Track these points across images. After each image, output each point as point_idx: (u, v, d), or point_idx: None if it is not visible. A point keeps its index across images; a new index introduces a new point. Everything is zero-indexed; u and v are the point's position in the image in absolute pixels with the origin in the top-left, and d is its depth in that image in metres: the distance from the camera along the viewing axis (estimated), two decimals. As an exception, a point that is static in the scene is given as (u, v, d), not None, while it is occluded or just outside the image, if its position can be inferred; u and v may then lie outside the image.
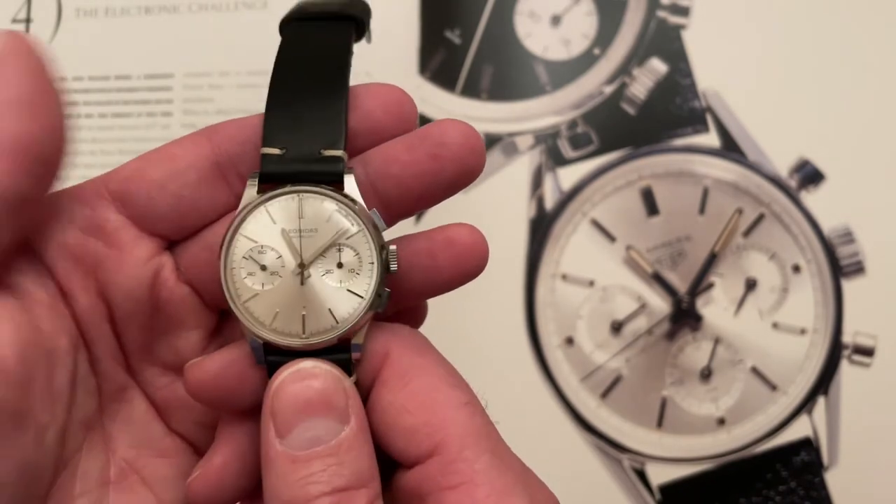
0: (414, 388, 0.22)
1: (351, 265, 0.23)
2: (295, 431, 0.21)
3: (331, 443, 0.21)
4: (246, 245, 0.22)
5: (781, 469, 0.46)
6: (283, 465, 0.21)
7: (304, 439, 0.21)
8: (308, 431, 0.21)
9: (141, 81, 0.52)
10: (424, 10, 0.50)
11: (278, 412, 0.21)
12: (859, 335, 0.46)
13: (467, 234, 0.25)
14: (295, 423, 0.21)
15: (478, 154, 0.25)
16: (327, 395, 0.21)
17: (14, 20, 0.54)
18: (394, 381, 0.23)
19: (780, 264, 0.47)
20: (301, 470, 0.20)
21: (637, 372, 0.47)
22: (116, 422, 0.25)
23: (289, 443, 0.21)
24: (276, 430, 0.21)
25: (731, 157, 0.48)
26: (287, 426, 0.21)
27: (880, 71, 0.48)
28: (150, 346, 0.25)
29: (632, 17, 0.50)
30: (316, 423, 0.21)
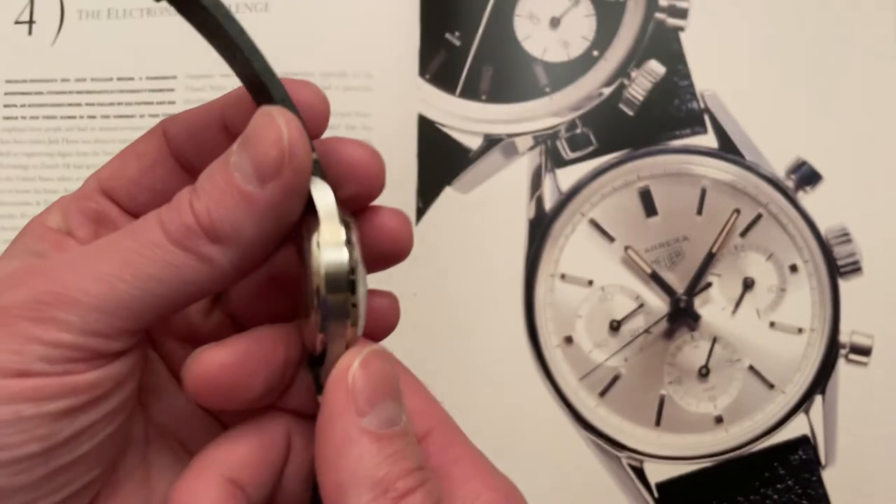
0: (407, 380, 0.24)
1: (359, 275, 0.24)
2: (375, 410, 0.21)
3: (401, 424, 0.21)
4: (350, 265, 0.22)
5: (779, 467, 0.46)
6: (369, 443, 0.20)
7: (383, 418, 0.21)
8: (385, 411, 0.21)
9: (143, 83, 0.52)
10: (424, 13, 0.50)
11: (360, 390, 0.21)
12: (856, 334, 0.46)
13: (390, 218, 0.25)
14: (376, 400, 0.21)
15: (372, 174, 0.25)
16: (394, 377, 0.22)
17: (17, 21, 0.54)
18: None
19: (777, 264, 0.47)
20: (388, 447, 0.20)
21: (635, 371, 0.47)
22: (147, 391, 0.26)
23: (370, 421, 0.21)
24: (357, 408, 0.21)
25: (728, 157, 0.48)
26: (369, 404, 0.21)
27: (877, 72, 0.48)
28: (167, 319, 0.26)
29: (630, 19, 0.50)
30: (390, 405, 0.21)
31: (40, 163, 0.52)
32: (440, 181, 0.49)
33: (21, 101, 0.53)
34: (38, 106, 0.52)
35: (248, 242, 0.21)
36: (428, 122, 0.49)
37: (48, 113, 0.52)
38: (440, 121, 0.49)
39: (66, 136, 0.52)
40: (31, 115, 0.52)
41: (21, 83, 0.53)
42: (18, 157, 0.52)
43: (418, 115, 0.49)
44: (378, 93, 0.49)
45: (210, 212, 0.21)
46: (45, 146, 0.52)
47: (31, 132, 0.52)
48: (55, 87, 0.53)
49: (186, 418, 0.26)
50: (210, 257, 0.21)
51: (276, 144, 0.21)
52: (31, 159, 0.52)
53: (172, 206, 0.22)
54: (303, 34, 0.50)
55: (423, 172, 0.48)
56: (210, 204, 0.21)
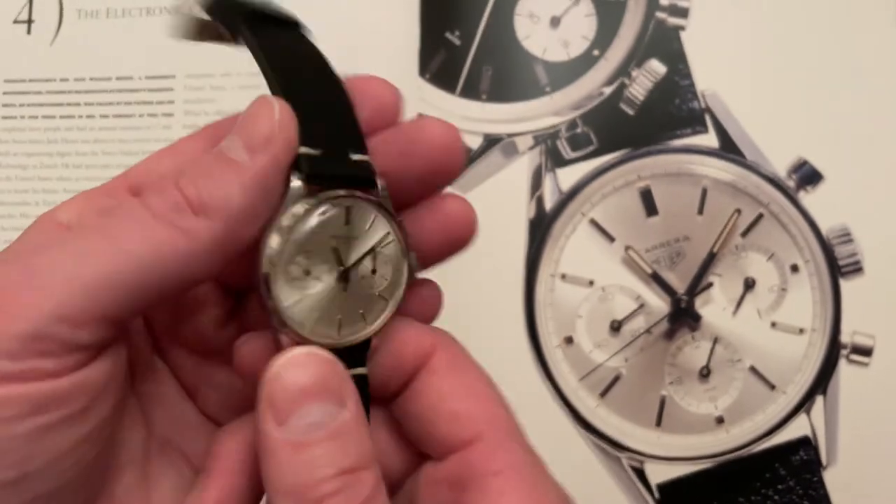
0: (461, 379, 0.24)
1: (384, 271, 0.23)
2: (294, 418, 0.20)
3: (331, 426, 0.21)
4: (292, 249, 0.22)
5: (780, 468, 0.46)
6: (284, 451, 0.20)
7: (304, 424, 0.20)
8: (307, 417, 0.20)
9: (142, 82, 0.52)
10: (424, 12, 0.50)
11: (275, 400, 0.21)
12: (857, 335, 0.46)
13: (453, 203, 0.25)
14: (293, 409, 0.20)
15: (452, 152, 0.24)
16: (323, 379, 0.21)
17: (16, 21, 0.54)
18: (444, 369, 0.24)
19: (778, 264, 0.47)
20: (304, 454, 0.20)
21: (636, 371, 0.47)
22: (151, 401, 0.25)
23: (288, 429, 0.20)
24: (274, 418, 0.20)
25: (729, 157, 0.48)
26: (285, 413, 0.20)
27: (878, 71, 0.48)
28: (175, 328, 0.25)
29: (631, 18, 0.50)
30: (314, 408, 0.21)
31: (39, 162, 0.52)
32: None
33: (20, 101, 0.53)
34: (37, 105, 0.52)
35: (234, 214, 0.21)
36: (428, 122, 0.49)
37: (47, 112, 0.52)
38: (440, 120, 0.49)
39: (65, 135, 0.52)
40: (30, 114, 0.52)
41: (20, 83, 0.53)
42: (18, 156, 0.52)
43: (418, 115, 0.49)
44: (378, 92, 0.49)
45: (196, 183, 0.21)
46: (44, 146, 0.52)
47: (30, 132, 0.52)
48: (54, 87, 0.53)
49: (192, 429, 0.26)
50: (190, 229, 0.21)
51: (268, 120, 0.22)
52: (30, 159, 0.52)
53: (156, 186, 0.22)
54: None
55: (422, 172, 0.48)
56: (197, 177, 0.21)
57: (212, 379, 0.25)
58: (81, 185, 0.51)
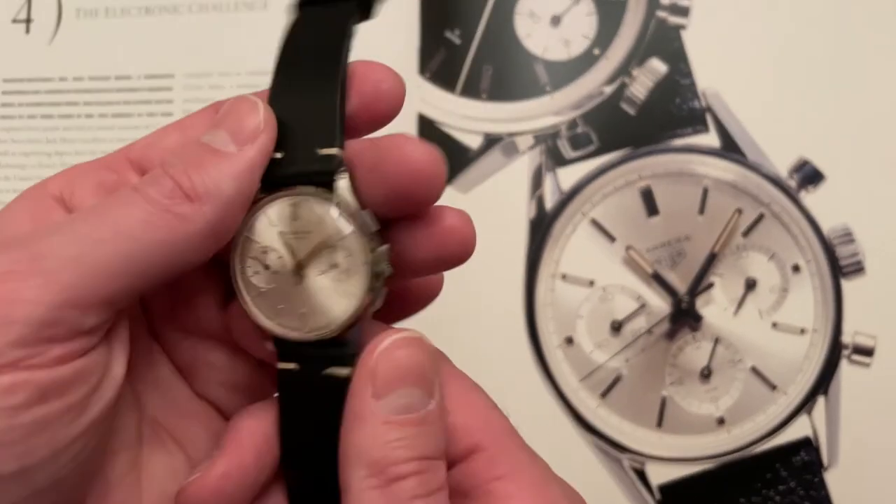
0: (451, 392, 0.24)
1: (344, 265, 0.23)
2: (391, 396, 0.21)
3: (420, 412, 0.22)
4: (253, 246, 0.23)
5: (781, 469, 0.46)
6: (376, 425, 0.21)
7: (399, 405, 0.21)
8: (403, 398, 0.21)
9: (141, 82, 0.52)
10: (424, 11, 0.50)
11: (380, 374, 0.21)
12: (859, 335, 0.46)
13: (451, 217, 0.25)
14: (393, 387, 0.21)
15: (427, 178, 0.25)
16: (428, 367, 0.22)
17: (14, 20, 0.54)
18: None
19: (779, 264, 0.47)
20: (393, 432, 0.21)
21: (637, 372, 0.47)
22: (145, 384, 0.25)
23: (385, 405, 0.21)
24: (374, 390, 0.21)
25: (730, 157, 0.48)
26: (386, 388, 0.21)
27: (879, 71, 0.48)
28: (172, 310, 0.26)
29: (631, 17, 0.50)
30: (411, 392, 0.22)
31: (38, 162, 0.52)
32: (440, 180, 0.48)
33: (18, 100, 0.53)
34: (36, 105, 0.52)
35: (226, 201, 0.22)
36: (428, 121, 0.49)
37: (46, 112, 0.52)
38: (440, 120, 0.49)
39: (64, 135, 0.52)
40: (29, 114, 0.52)
41: (18, 82, 0.53)
42: (16, 156, 0.52)
43: (418, 114, 0.49)
44: (378, 92, 0.49)
45: (189, 173, 0.22)
46: (42, 145, 0.52)
47: (29, 131, 0.52)
48: (53, 86, 0.53)
49: (185, 414, 0.26)
50: (185, 215, 0.21)
51: (254, 115, 0.23)
52: (28, 158, 0.52)
53: (146, 177, 0.22)
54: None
55: (422, 172, 0.48)
56: (188, 167, 0.22)
57: (208, 358, 0.26)
58: (80, 184, 0.51)
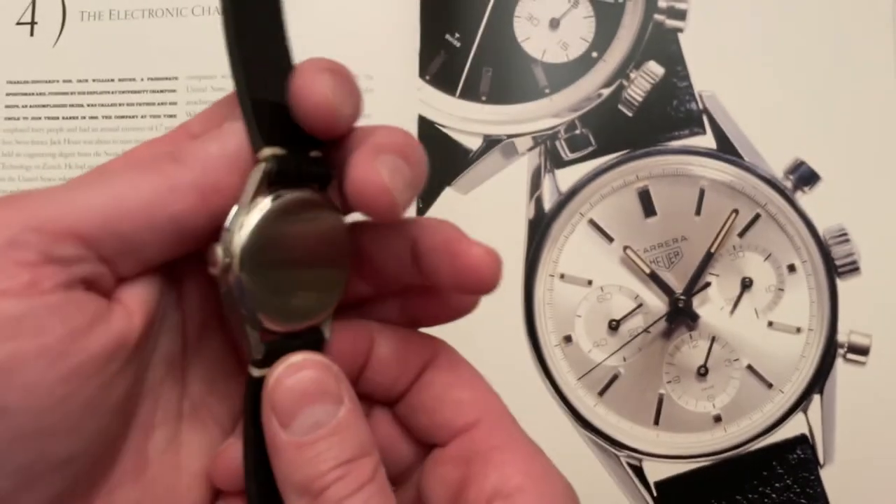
0: (462, 373, 0.27)
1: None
2: (297, 420, 0.22)
3: (330, 424, 0.22)
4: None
5: (777, 466, 0.46)
6: (290, 451, 0.22)
7: (307, 425, 0.22)
8: (309, 418, 0.22)
9: (145, 84, 0.52)
10: (425, 14, 0.50)
11: (278, 405, 0.22)
12: (854, 334, 0.46)
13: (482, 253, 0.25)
14: (296, 412, 0.22)
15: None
16: (321, 382, 0.23)
17: (18, 23, 0.54)
18: (447, 365, 0.27)
19: (775, 264, 0.47)
20: (307, 452, 0.22)
21: (634, 370, 0.47)
22: (194, 360, 0.26)
23: (293, 431, 0.22)
24: (278, 421, 0.22)
25: (727, 158, 0.48)
26: (289, 417, 0.22)
27: (874, 73, 0.48)
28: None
29: (629, 20, 0.50)
30: (314, 410, 0.23)
31: (42, 163, 0.52)
32: (440, 182, 0.49)
33: (23, 102, 0.53)
34: (40, 107, 0.53)
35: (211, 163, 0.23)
36: (428, 123, 0.49)
37: (50, 114, 0.52)
38: (440, 122, 0.49)
39: (68, 136, 0.52)
40: (34, 115, 0.53)
41: (23, 84, 0.53)
42: (21, 157, 0.52)
43: (418, 116, 0.49)
44: (378, 94, 0.49)
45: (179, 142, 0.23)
46: (47, 147, 0.52)
47: (33, 133, 0.52)
48: (57, 88, 0.53)
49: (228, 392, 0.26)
50: (167, 171, 0.22)
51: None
52: (33, 160, 0.52)
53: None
54: (302, 36, 0.50)
55: (423, 173, 0.49)
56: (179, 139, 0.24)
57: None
58: (84, 185, 0.51)
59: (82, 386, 0.21)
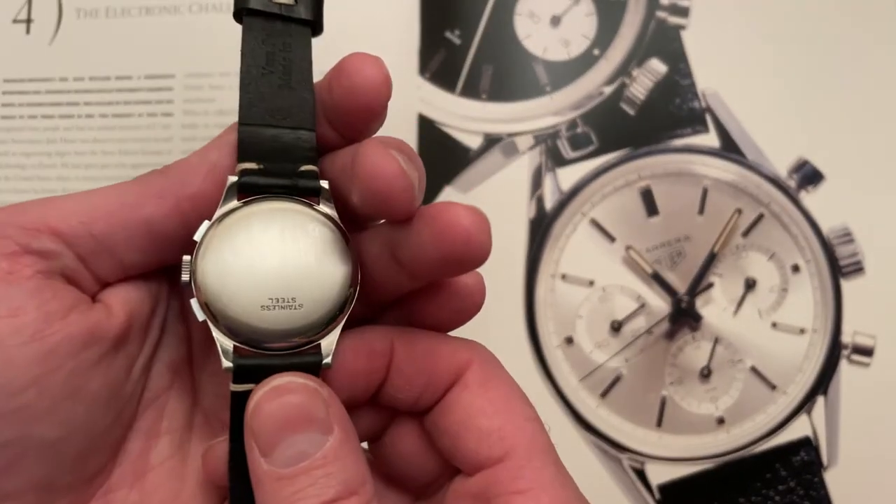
0: (493, 395, 0.23)
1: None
2: (278, 449, 0.20)
3: (316, 456, 0.20)
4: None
5: (781, 468, 0.46)
6: (269, 484, 0.20)
7: (288, 456, 0.20)
8: (291, 448, 0.20)
9: (142, 82, 0.52)
10: (424, 11, 0.50)
11: (259, 432, 0.21)
12: (858, 335, 0.46)
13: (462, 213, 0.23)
14: (277, 441, 0.21)
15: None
16: (306, 408, 0.21)
17: (15, 20, 0.54)
18: (476, 385, 0.23)
19: (779, 264, 0.47)
20: (287, 487, 0.20)
21: (636, 371, 0.47)
22: (204, 372, 0.26)
23: (274, 461, 0.20)
24: (259, 449, 0.21)
25: (730, 157, 0.48)
26: (270, 445, 0.21)
27: (879, 71, 0.48)
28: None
29: (631, 17, 0.50)
30: (298, 439, 0.21)
31: (38, 162, 0.52)
32: (440, 180, 0.48)
33: (19, 101, 0.53)
34: (36, 105, 0.52)
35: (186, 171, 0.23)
36: (428, 122, 0.49)
37: (46, 112, 0.52)
38: (440, 120, 0.49)
39: (64, 135, 0.52)
40: (29, 114, 0.52)
41: (19, 82, 0.53)
42: (16, 156, 0.52)
43: (418, 115, 0.49)
44: (378, 92, 0.49)
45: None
46: (43, 145, 0.52)
47: (29, 131, 0.52)
48: (53, 87, 0.52)
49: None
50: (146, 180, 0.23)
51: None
52: (28, 159, 0.52)
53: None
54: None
55: (423, 172, 0.48)
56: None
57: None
58: (80, 185, 0.50)
59: (58, 367, 0.21)
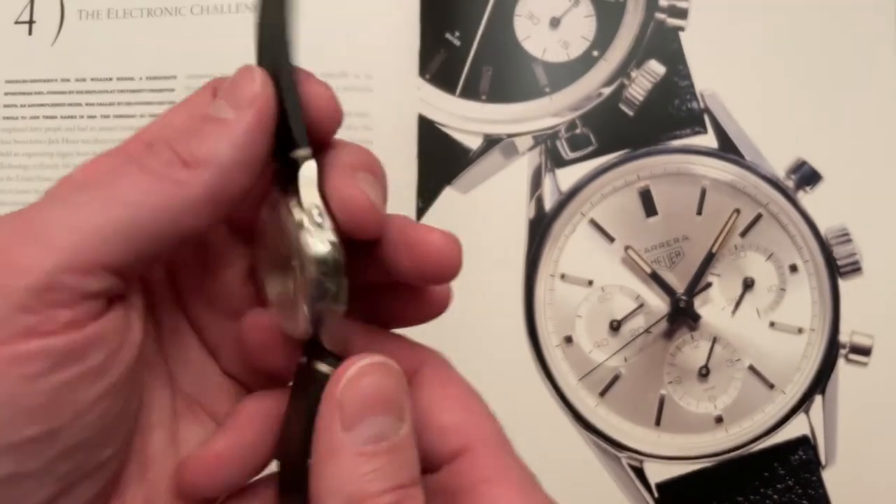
0: (451, 392, 0.24)
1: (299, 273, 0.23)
2: (362, 425, 0.21)
3: (392, 439, 0.21)
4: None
5: (779, 467, 0.46)
6: (348, 458, 0.21)
7: (370, 434, 0.21)
8: (373, 427, 0.21)
9: (143, 83, 0.52)
10: (425, 13, 0.50)
11: (348, 403, 0.21)
12: (856, 334, 0.46)
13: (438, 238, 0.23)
14: (364, 416, 0.21)
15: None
16: (396, 392, 0.22)
17: (17, 21, 0.54)
18: (433, 383, 0.24)
19: (777, 264, 0.47)
20: (366, 465, 0.21)
21: (635, 371, 0.47)
22: (177, 362, 0.26)
23: (355, 436, 0.21)
24: (342, 421, 0.21)
25: (728, 157, 0.48)
26: (355, 419, 0.21)
27: (876, 72, 0.48)
28: (200, 286, 0.26)
29: (630, 19, 0.50)
30: (380, 420, 0.21)
31: (40, 163, 0.52)
32: (440, 181, 0.49)
33: (21, 102, 0.53)
34: (38, 106, 0.52)
35: (225, 166, 0.22)
36: (428, 122, 0.49)
37: (48, 113, 0.52)
38: (440, 121, 0.49)
39: (67, 136, 0.52)
40: (32, 115, 0.52)
41: (21, 83, 0.53)
42: (19, 157, 0.52)
43: (418, 116, 0.49)
44: (378, 93, 0.49)
45: (188, 142, 0.22)
46: (45, 146, 0.52)
47: (31, 132, 0.52)
48: (55, 87, 0.53)
49: (216, 388, 0.26)
50: (182, 181, 0.21)
51: (251, 83, 0.23)
52: (31, 159, 0.52)
53: (146, 150, 0.22)
54: (302, 34, 0.50)
55: (422, 172, 0.48)
56: (188, 137, 0.22)
57: (234, 338, 0.26)
58: (82, 185, 0.51)
59: (117, 397, 0.22)
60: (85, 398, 0.21)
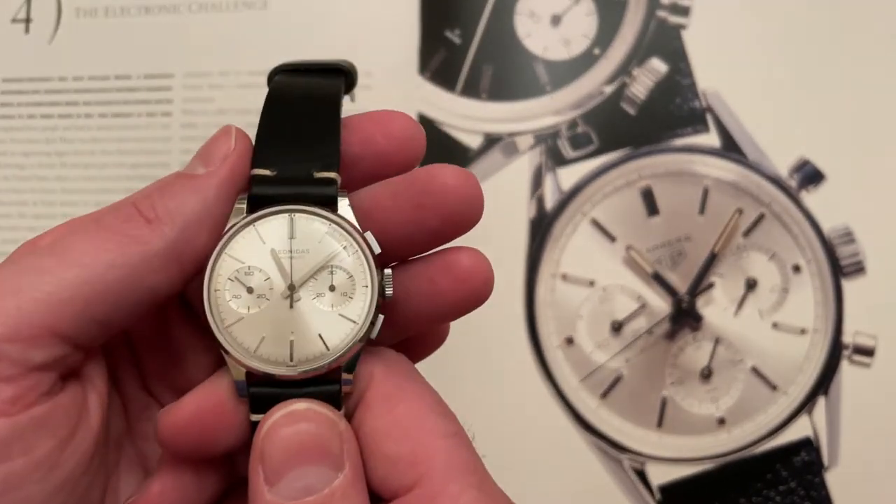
0: (399, 414, 0.21)
1: (343, 288, 0.22)
2: (285, 479, 0.19)
3: (323, 492, 0.19)
4: (232, 266, 0.21)
5: (781, 469, 0.46)
6: None
7: (295, 488, 0.19)
8: (299, 480, 0.19)
9: (141, 81, 0.52)
10: (424, 10, 0.50)
11: (268, 457, 0.20)
12: (859, 335, 0.46)
13: (467, 257, 0.23)
14: (286, 470, 0.19)
15: (470, 204, 0.23)
16: (322, 440, 0.20)
17: (14, 20, 0.54)
18: (378, 405, 0.21)
19: (780, 264, 0.47)
20: None
21: (637, 372, 0.47)
22: (148, 440, 0.25)
23: (278, 491, 0.19)
24: (265, 476, 0.19)
25: (731, 157, 0.48)
26: (277, 474, 0.19)
27: (880, 71, 0.48)
28: (166, 372, 0.25)
29: (632, 17, 0.50)
30: (308, 471, 0.19)
31: (37, 162, 0.51)
32: (440, 180, 0.48)
33: (18, 100, 0.53)
34: (35, 105, 0.52)
35: (188, 220, 0.21)
36: (428, 121, 0.49)
37: (45, 112, 0.52)
38: (440, 119, 0.49)
39: (63, 134, 0.52)
40: (28, 113, 0.52)
41: (18, 82, 0.53)
42: (15, 156, 0.52)
43: (418, 114, 0.49)
44: (378, 91, 0.49)
45: (152, 198, 0.21)
46: (42, 145, 0.52)
47: (28, 131, 0.52)
48: (52, 86, 0.52)
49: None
50: (139, 236, 0.20)
51: (225, 142, 0.22)
52: (27, 158, 0.52)
53: (107, 208, 0.22)
54: (302, 32, 0.50)
55: (422, 172, 0.48)
56: (154, 193, 0.21)
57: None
58: (79, 184, 0.50)
59: (76, 487, 0.20)
60: (35, 492, 0.19)
